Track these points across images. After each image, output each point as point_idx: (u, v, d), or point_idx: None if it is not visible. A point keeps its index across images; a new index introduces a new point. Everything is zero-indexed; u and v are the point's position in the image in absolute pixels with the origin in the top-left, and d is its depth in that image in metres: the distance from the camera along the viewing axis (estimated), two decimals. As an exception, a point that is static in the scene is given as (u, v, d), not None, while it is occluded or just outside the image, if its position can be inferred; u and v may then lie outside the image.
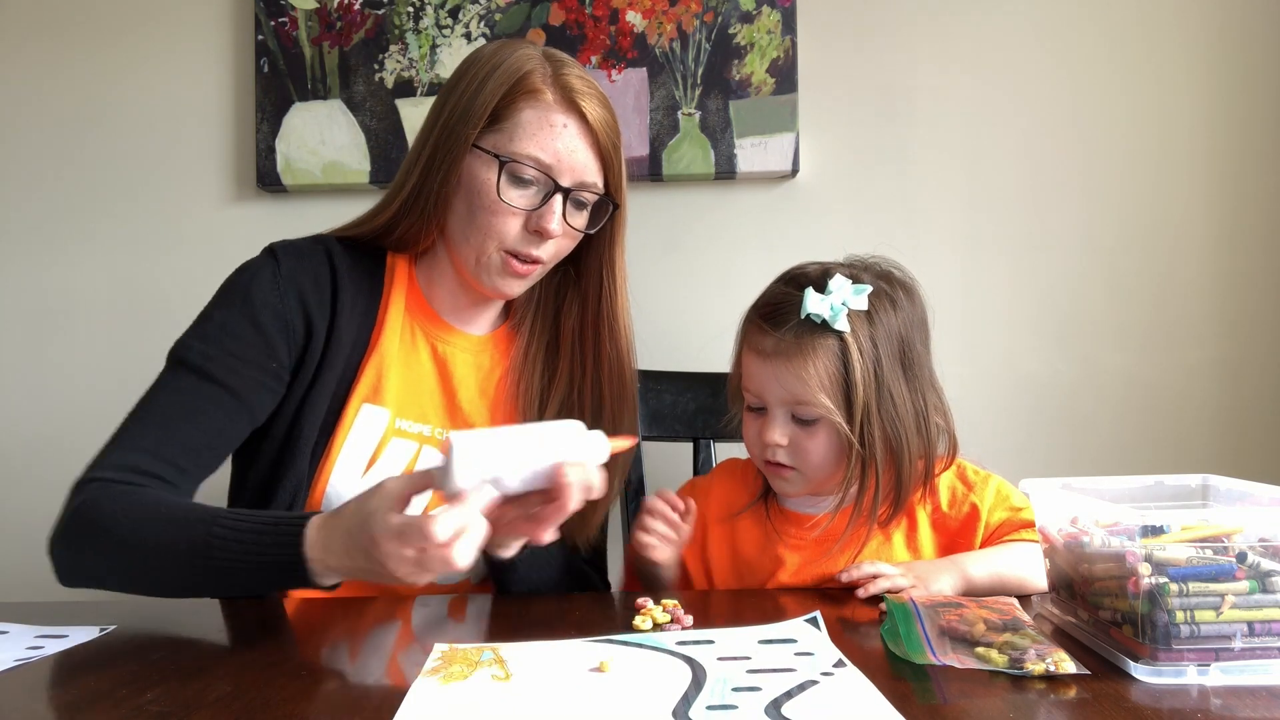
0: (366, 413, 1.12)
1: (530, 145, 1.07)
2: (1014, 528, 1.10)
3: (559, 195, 1.09)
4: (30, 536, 1.86)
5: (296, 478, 1.09)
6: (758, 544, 1.12)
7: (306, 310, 1.10)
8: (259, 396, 1.08)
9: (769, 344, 1.04)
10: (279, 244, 1.14)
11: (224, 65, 1.85)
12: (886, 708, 0.67)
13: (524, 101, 1.08)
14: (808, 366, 1.01)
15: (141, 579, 0.99)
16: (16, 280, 1.87)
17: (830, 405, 1.01)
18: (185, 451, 1.04)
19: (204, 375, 1.06)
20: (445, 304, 1.19)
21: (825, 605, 0.97)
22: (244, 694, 0.74)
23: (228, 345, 1.07)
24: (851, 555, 1.08)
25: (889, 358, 1.03)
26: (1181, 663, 0.73)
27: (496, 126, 1.08)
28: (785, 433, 1.05)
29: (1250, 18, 1.76)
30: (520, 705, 0.71)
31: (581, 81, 1.10)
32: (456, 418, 1.18)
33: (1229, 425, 1.77)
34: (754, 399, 1.08)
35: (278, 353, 1.08)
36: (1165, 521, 0.76)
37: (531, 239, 1.10)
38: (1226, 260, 1.77)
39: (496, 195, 1.07)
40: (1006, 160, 1.79)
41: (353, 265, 1.14)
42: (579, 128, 1.09)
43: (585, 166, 1.10)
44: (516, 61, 1.09)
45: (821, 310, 1.02)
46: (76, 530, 1.00)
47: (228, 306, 1.09)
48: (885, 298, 1.06)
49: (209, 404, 1.05)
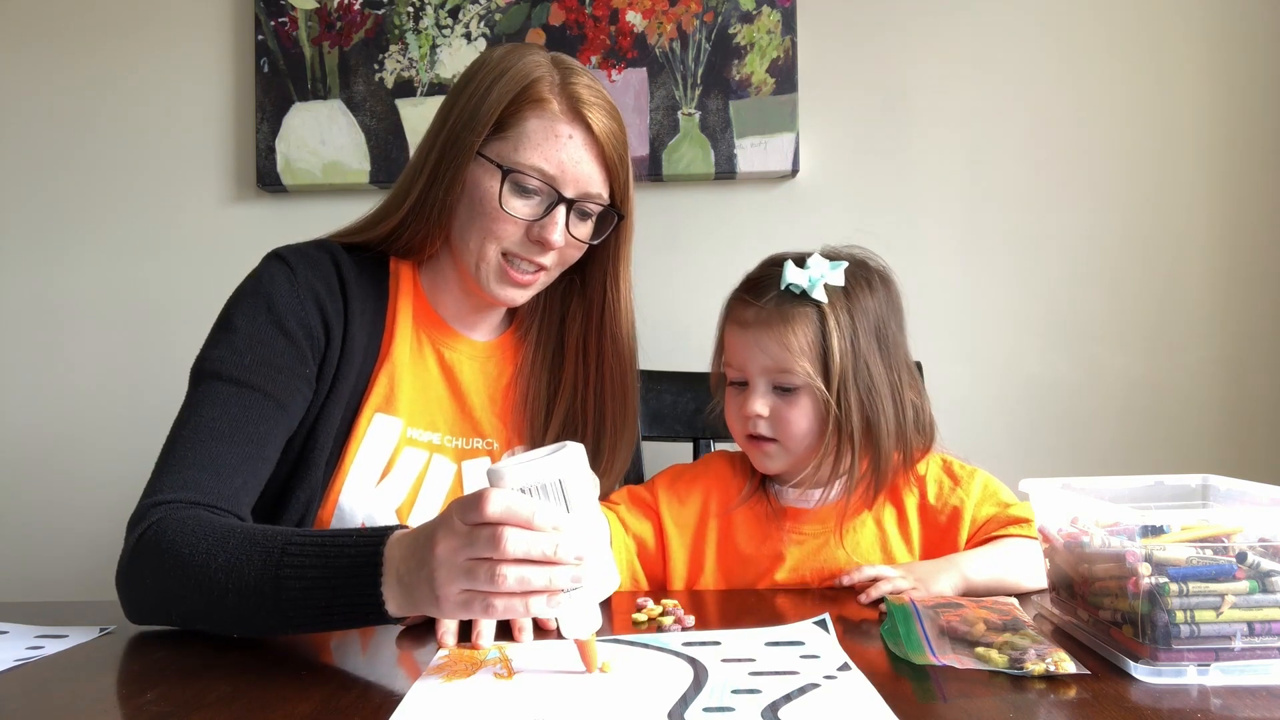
0: (379, 422, 1.11)
1: (534, 156, 1.06)
2: (1003, 523, 1.10)
3: (562, 206, 1.08)
4: (31, 536, 1.87)
5: (310, 489, 1.07)
6: (755, 540, 1.13)
7: (325, 317, 1.08)
8: (296, 403, 1.05)
9: (750, 314, 1.08)
10: (284, 249, 1.11)
11: (224, 65, 1.85)
12: (887, 713, 0.67)
13: (529, 110, 1.06)
14: (788, 334, 1.05)
15: (207, 606, 0.86)
16: (17, 280, 1.87)
17: (810, 371, 1.04)
18: (240, 465, 0.98)
19: (243, 385, 1.01)
20: (450, 310, 1.19)
21: (826, 605, 0.97)
22: (244, 694, 0.74)
23: (260, 353, 1.03)
24: (846, 541, 1.09)
25: (865, 332, 1.07)
26: (1181, 663, 0.73)
27: (501, 135, 1.07)
28: (766, 403, 1.07)
29: (1251, 17, 1.76)
30: (518, 704, 0.71)
31: (589, 91, 1.08)
32: (466, 425, 1.18)
33: (1229, 425, 1.77)
34: (736, 373, 1.10)
35: (306, 358, 1.06)
36: (1165, 521, 0.76)
37: (533, 247, 1.09)
38: (1227, 260, 1.77)
39: (499, 205, 1.07)
40: (1006, 159, 1.79)
41: (359, 272, 1.13)
42: (584, 138, 1.08)
43: (589, 178, 1.09)
44: (524, 68, 1.07)
45: (800, 280, 1.06)
46: (142, 560, 0.90)
47: (251, 315, 1.05)
48: (861, 279, 1.09)
49: (254, 414, 1.00)
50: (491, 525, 0.71)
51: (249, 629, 0.87)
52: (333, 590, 0.80)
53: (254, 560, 0.83)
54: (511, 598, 0.73)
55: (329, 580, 0.80)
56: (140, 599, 0.92)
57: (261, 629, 0.86)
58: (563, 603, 0.74)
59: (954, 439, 1.73)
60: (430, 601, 0.75)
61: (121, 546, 0.93)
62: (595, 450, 1.19)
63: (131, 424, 1.82)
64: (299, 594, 0.81)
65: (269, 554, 0.83)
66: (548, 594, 0.73)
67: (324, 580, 0.80)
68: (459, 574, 0.73)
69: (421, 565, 0.75)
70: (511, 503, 0.72)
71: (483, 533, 0.72)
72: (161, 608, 0.91)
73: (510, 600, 0.73)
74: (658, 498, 1.16)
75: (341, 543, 0.82)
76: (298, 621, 0.83)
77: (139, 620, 0.94)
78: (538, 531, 0.72)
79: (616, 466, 1.21)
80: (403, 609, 0.79)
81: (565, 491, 0.74)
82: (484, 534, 0.71)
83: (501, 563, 0.71)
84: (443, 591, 0.74)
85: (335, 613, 0.81)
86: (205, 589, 0.85)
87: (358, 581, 0.79)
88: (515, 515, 0.71)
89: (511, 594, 0.72)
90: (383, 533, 0.81)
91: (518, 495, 0.72)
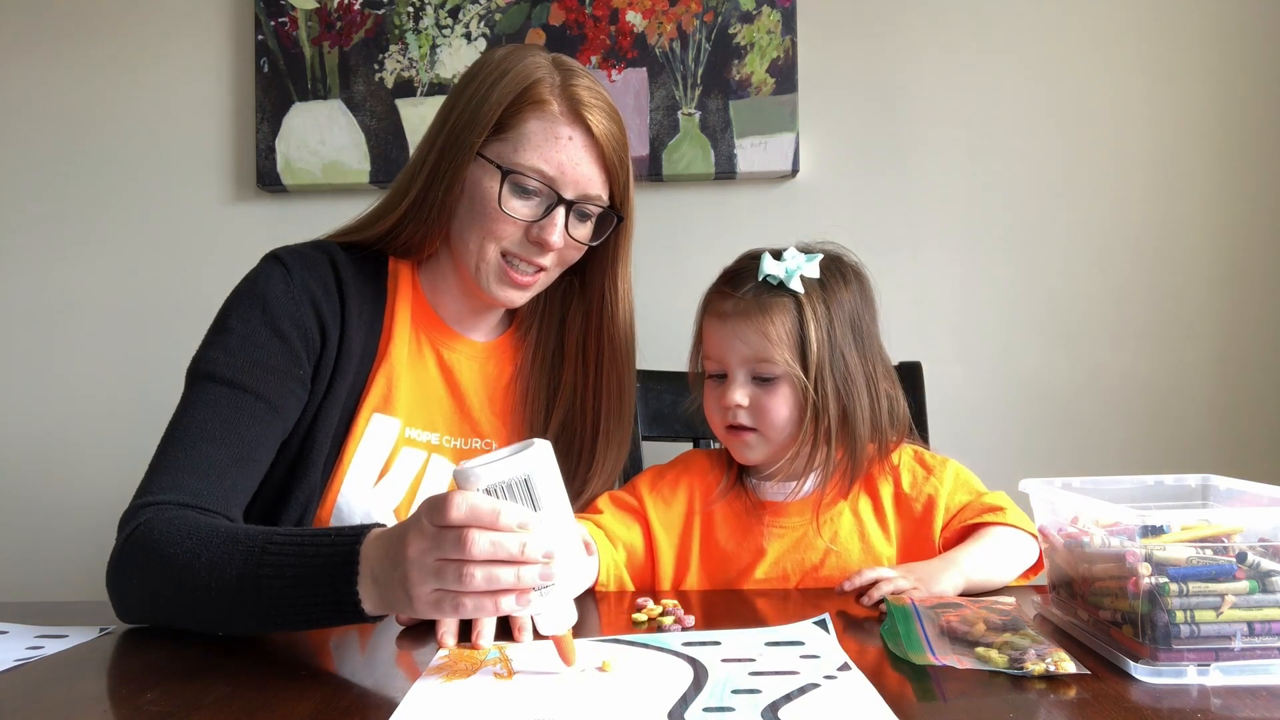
0: (377, 422, 1.11)
1: (534, 157, 1.06)
2: (978, 511, 1.12)
3: (561, 208, 1.08)
4: (31, 536, 1.87)
5: (309, 489, 1.07)
6: (735, 535, 1.13)
7: (321, 318, 1.08)
8: (289, 405, 1.06)
9: (729, 305, 1.09)
10: (282, 250, 1.12)
11: (224, 65, 1.85)
12: (887, 713, 0.67)
13: (530, 111, 1.06)
14: (766, 324, 1.06)
15: (191, 604, 0.87)
16: (17, 280, 1.87)
17: (789, 359, 1.06)
18: (230, 467, 0.99)
19: (236, 387, 1.02)
20: (449, 311, 1.19)
21: (826, 605, 0.97)
22: (244, 694, 0.74)
23: (254, 355, 1.03)
24: (825, 535, 1.10)
25: (840, 323, 1.09)
26: (1181, 663, 0.73)
27: (501, 135, 1.07)
28: (746, 393, 1.08)
29: (1252, 17, 1.76)
30: (517, 703, 0.71)
31: (589, 93, 1.09)
32: (465, 426, 1.18)
33: (1229, 425, 1.77)
34: (715, 365, 1.12)
35: (301, 360, 1.06)
36: (1165, 521, 0.76)
37: (532, 248, 1.10)
38: (1227, 260, 1.77)
39: (498, 205, 1.07)
40: (1006, 160, 1.79)
41: (357, 272, 1.13)
42: (585, 140, 1.08)
43: (589, 179, 1.09)
44: (524, 70, 1.07)
45: (777, 271, 1.08)
46: (130, 559, 0.92)
47: (246, 317, 1.06)
48: (835, 273, 1.11)
49: (246, 415, 1.01)
50: (457, 527, 0.72)
51: (232, 627, 0.88)
52: (310, 589, 0.80)
53: (235, 559, 0.84)
54: (481, 596, 0.73)
55: (307, 579, 0.81)
56: (128, 598, 0.93)
57: (244, 627, 0.87)
58: (534, 600, 0.75)
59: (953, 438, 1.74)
60: (404, 601, 0.76)
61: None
62: (592, 450, 1.20)
63: (131, 424, 1.82)
64: (278, 593, 0.81)
65: (250, 553, 0.84)
66: (516, 592, 0.74)
67: (302, 579, 0.81)
68: (429, 574, 0.73)
69: (395, 566, 0.76)
70: (475, 503, 0.72)
71: (449, 534, 0.72)
72: (149, 606, 0.92)
73: (480, 599, 0.74)
74: (643, 501, 1.16)
75: (319, 542, 0.82)
76: (278, 619, 0.83)
77: (128, 619, 0.95)
78: (503, 531, 0.72)
79: (609, 467, 1.20)
80: (379, 608, 0.79)
81: (532, 489, 0.75)
82: (450, 535, 0.72)
83: (469, 563, 0.72)
84: (415, 591, 0.74)
85: (314, 611, 0.81)
86: (189, 587, 0.86)
87: (334, 581, 0.79)
88: (479, 517, 0.72)
89: (481, 593, 0.73)
90: (359, 532, 0.81)
91: (482, 496, 0.73)
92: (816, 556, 1.10)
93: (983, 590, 1.03)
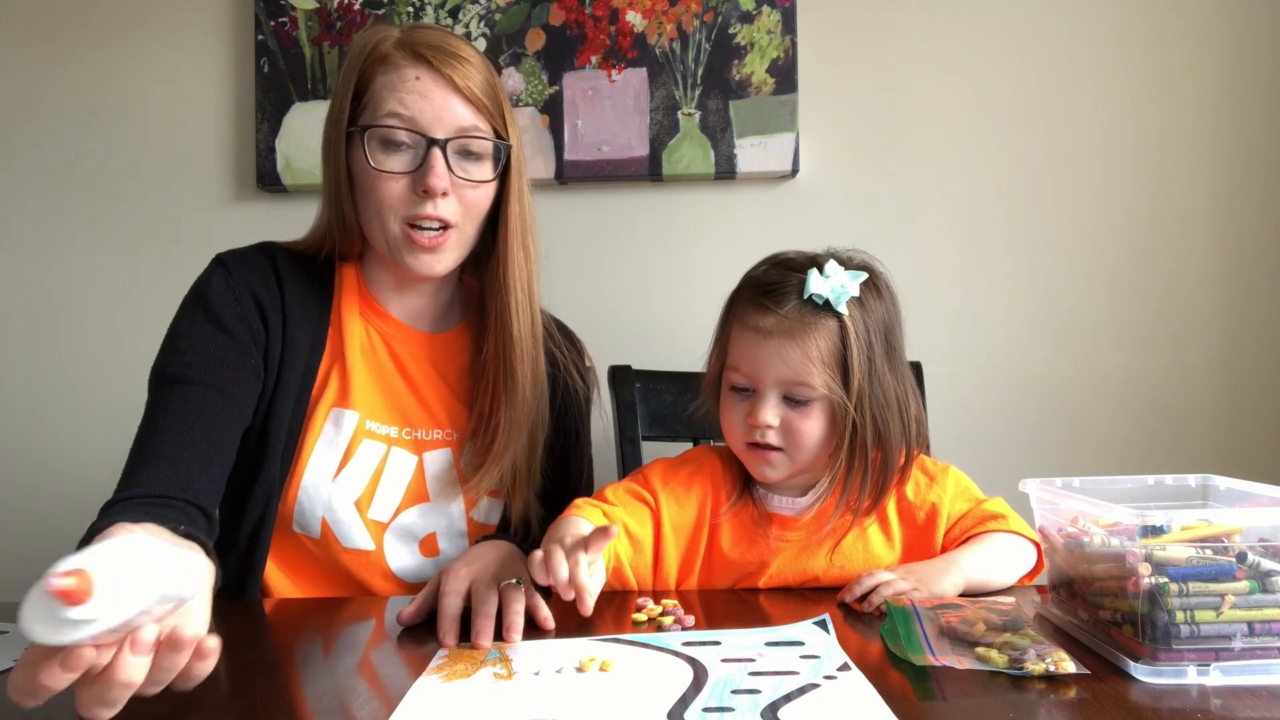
0: (335, 416, 1.13)
1: (387, 106, 1.08)
2: (979, 519, 1.11)
3: (435, 149, 1.07)
4: (30, 536, 1.87)
5: (268, 483, 1.09)
6: (740, 545, 1.11)
7: (263, 311, 1.11)
8: (245, 394, 1.08)
9: (770, 322, 1.04)
10: (225, 254, 1.15)
11: (224, 65, 1.85)
12: (887, 713, 0.67)
13: (376, 69, 1.09)
14: (810, 345, 1.03)
15: None
16: (17, 279, 1.87)
17: (831, 382, 1.03)
18: (187, 455, 1.01)
19: (188, 382, 1.05)
20: (394, 303, 1.20)
21: (825, 605, 0.97)
22: (244, 694, 0.74)
23: (201, 350, 1.07)
24: (829, 550, 1.09)
25: (878, 342, 1.06)
26: (1181, 663, 0.73)
27: (360, 105, 1.10)
28: (777, 413, 1.05)
29: (1252, 17, 1.76)
30: (517, 703, 0.71)
31: (433, 34, 1.10)
32: (424, 417, 1.18)
33: (1229, 425, 1.77)
34: (742, 379, 1.07)
35: (249, 350, 1.09)
36: (1165, 521, 0.76)
37: (425, 202, 1.08)
38: (1227, 260, 1.77)
39: (371, 167, 1.08)
40: (1006, 160, 1.79)
41: (298, 270, 1.16)
42: (432, 76, 1.08)
43: (453, 112, 1.08)
44: (367, 37, 1.11)
45: (824, 291, 1.03)
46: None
47: (190, 319, 1.10)
48: (871, 288, 1.08)
49: (196, 406, 1.04)
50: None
51: None
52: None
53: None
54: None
55: None
56: None
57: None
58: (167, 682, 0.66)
59: (954, 439, 1.74)
60: None
61: None
62: (489, 449, 1.16)
63: (131, 423, 1.80)
64: None
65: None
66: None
67: None
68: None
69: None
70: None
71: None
72: None
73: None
74: (658, 496, 1.13)
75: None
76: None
77: None
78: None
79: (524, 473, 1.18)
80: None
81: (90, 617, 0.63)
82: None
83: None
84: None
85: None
86: None
87: None
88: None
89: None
90: None
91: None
92: (819, 567, 1.09)
93: (982, 592, 1.03)
